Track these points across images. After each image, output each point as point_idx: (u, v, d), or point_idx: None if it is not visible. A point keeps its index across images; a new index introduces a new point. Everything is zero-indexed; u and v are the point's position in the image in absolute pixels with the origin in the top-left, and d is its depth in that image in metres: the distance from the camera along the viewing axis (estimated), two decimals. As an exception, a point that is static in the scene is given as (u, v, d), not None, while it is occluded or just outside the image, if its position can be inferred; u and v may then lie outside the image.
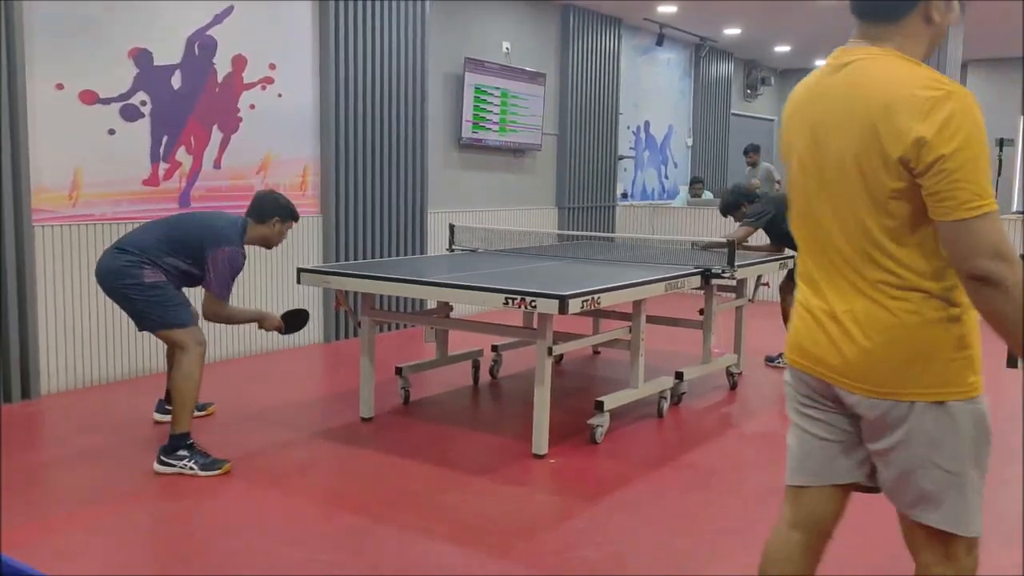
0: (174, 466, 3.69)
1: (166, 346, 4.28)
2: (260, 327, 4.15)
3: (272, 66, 6.08)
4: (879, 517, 2.52)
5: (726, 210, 6.09)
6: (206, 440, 4.00)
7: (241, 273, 4.04)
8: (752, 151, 10.60)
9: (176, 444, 3.72)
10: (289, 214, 4.07)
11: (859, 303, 1.78)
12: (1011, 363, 1.76)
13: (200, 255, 3.79)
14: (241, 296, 5.96)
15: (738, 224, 5.86)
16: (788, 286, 5.83)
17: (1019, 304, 1.61)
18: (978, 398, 1.76)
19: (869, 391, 1.78)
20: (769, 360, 6.09)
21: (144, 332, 3.91)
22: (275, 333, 4.66)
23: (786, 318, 5.85)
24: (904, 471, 1.80)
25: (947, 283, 1.71)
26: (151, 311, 3.76)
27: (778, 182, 10.31)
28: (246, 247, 3.95)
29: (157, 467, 3.71)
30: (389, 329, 7.02)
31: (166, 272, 3.77)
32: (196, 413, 4.36)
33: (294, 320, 4.25)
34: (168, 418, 4.35)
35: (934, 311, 1.72)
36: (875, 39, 1.78)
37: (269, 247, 4.11)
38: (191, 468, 3.68)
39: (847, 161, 1.74)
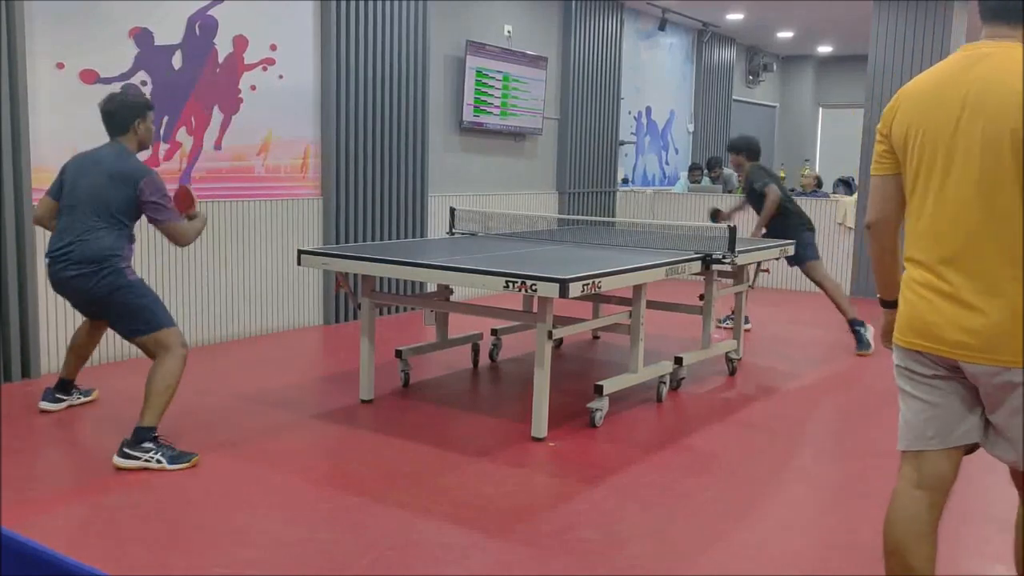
0: (138, 459, 3.49)
1: (86, 327, 4.19)
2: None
3: (273, 47, 6.05)
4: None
5: (733, 148, 6.69)
6: (205, 422, 4.02)
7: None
8: (716, 165, 10.37)
9: (143, 436, 3.53)
10: (143, 107, 3.79)
11: (991, 277, 1.96)
12: None
13: (131, 204, 3.64)
14: (241, 277, 5.97)
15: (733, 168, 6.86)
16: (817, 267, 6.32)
17: None
18: None
19: (995, 360, 1.95)
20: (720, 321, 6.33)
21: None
22: (279, 316, 4.49)
23: (832, 298, 6.24)
24: None
25: None
26: (142, 314, 3.63)
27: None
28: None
29: (118, 461, 3.49)
30: (389, 312, 7.03)
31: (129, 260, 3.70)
32: (83, 399, 4.35)
33: None
34: (57, 407, 4.24)
35: None
36: (1005, 37, 2.03)
37: (147, 147, 3.90)
38: (158, 460, 3.50)
39: (1002, 140, 1.93)
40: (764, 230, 6.40)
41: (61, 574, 1.13)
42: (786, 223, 6.30)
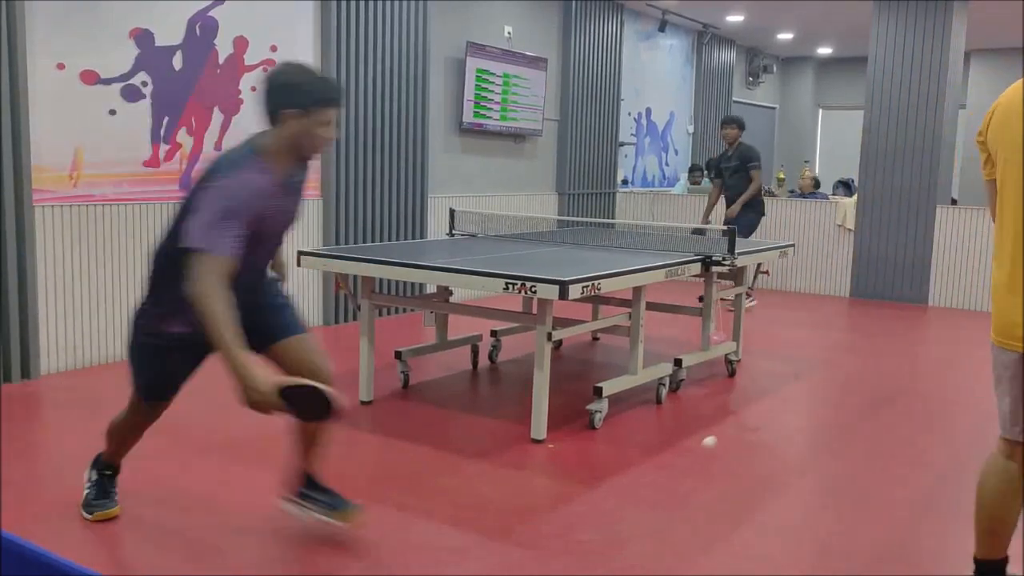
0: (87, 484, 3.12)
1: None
2: (243, 394, 2.62)
3: (274, 48, 6.06)
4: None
5: (735, 121, 7.84)
6: (205, 423, 4.00)
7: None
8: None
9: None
10: (303, 96, 2.56)
11: None
12: None
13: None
14: (241, 278, 5.96)
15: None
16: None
17: None
18: None
19: None
20: None
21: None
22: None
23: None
24: None
25: None
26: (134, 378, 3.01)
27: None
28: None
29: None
30: (389, 313, 7.03)
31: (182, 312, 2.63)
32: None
33: (303, 399, 2.69)
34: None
35: None
36: None
37: (306, 155, 2.66)
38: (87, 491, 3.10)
39: None
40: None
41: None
42: (755, 204, 7.62)
